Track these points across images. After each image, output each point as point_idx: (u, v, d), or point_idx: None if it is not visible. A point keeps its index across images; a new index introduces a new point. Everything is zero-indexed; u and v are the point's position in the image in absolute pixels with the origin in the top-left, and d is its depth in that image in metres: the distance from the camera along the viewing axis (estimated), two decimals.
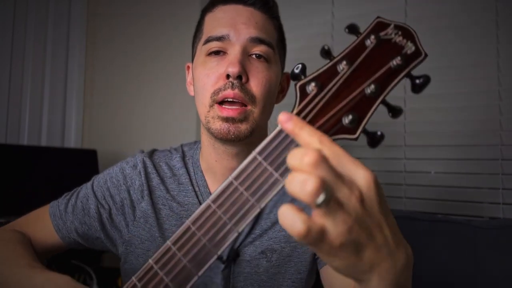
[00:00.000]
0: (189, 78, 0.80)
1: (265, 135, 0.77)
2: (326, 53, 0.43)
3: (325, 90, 0.41)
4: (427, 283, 1.05)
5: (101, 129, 2.06)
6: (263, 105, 0.68)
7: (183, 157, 0.81)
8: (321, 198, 0.32)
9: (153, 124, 1.89)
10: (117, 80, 2.02)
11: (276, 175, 0.38)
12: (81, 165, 1.79)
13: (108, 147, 1.98)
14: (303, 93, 0.41)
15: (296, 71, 0.43)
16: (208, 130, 0.68)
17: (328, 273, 0.71)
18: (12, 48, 1.77)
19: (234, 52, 0.66)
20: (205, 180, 0.76)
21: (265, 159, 0.39)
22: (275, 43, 0.73)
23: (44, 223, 0.76)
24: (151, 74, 1.90)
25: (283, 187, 0.37)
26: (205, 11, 0.75)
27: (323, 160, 0.34)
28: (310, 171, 0.33)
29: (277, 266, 0.72)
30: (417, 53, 0.42)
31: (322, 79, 0.42)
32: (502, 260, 0.98)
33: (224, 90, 0.65)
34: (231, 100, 0.65)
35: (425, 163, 1.31)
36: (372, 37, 0.42)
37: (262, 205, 0.39)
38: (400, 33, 0.42)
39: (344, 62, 0.42)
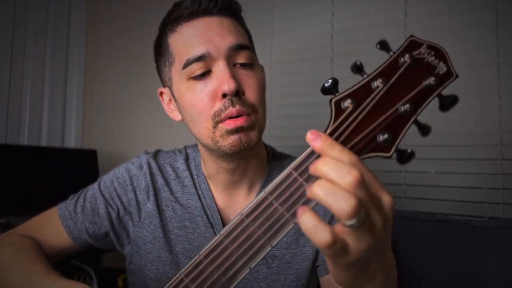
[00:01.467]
0: (166, 104, 0.78)
1: (261, 143, 0.78)
2: (357, 68, 0.44)
3: (361, 107, 0.41)
4: (427, 283, 1.05)
5: (101, 129, 2.06)
6: (262, 110, 0.68)
7: (187, 159, 0.81)
8: (354, 220, 0.33)
9: (153, 124, 1.89)
10: (117, 80, 2.02)
11: None
12: (81, 165, 1.79)
13: (108, 147, 1.98)
14: (339, 109, 0.42)
15: (327, 85, 0.43)
16: (218, 149, 0.66)
17: (328, 283, 0.72)
18: (12, 48, 1.77)
19: (220, 68, 0.64)
20: (207, 184, 0.77)
21: (300, 174, 0.39)
22: (251, 44, 0.72)
23: (54, 226, 0.75)
24: (151, 74, 1.89)
25: None
26: (165, 31, 0.71)
27: (364, 182, 0.34)
28: (351, 191, 0.33)
29: (277, 273, 0.71)
30: (449, 73, 0.43)
31: (358, 96, 0.42)
32: (502, 260, 0.98)
33: (225, 110, 0.63)
34: (235, 116, 0.64)
35: (425, 163, 1.31)
36: (407, 56, 0.42)
37: (297, 220, 0.38)
38: (432, 53, 0.43)
39: (380, 80, 0.42)
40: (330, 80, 0.43)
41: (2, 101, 1.74)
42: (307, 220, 0.34)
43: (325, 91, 0.43)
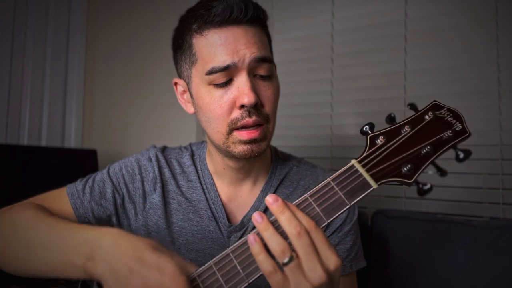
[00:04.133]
0: (180, 95, 0.79)
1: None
2: (391, 119, 0.55)
3: (391, 143, 0.52)
4: (427, 283, 1.05)
5: (101, 129, 2.06)
6: (274, 120, 0.72)
7: (192, 155, 0.84)
8: (286, 259, 0.46)
9: (153, 124, 1.89)
10: (117, 80, 2.02)
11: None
12: (81, 165, 1.79)
13: (108, 147, 1.98)
14: (373, 142, 0.53)
15: (366, 129, 0.54)
16: (228, 153, 0.70)
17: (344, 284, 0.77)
18: (12, 48, 1.77)
19: (243, 79, 0.66)
20: (212, 179, 0.80)
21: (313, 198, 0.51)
22: (271, 50, 0.75)
23: (61, 203, 0.77)
24: (152, 74, 1.90)
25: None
26: (190, 30, 0.70)
27: (303, 235, 0.45)
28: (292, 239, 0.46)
29: None
30: (463, 131, 0.54)
31: (389, 135, 0.53)
32: (502, 260, 0.98)
33: (242, 119, 0.66)
34: (250, 126, 0.67)
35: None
36: (430, 113, 0.54)
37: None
38: (451, 114, 0.55)
39: (407, 126, 0.53)
40: (368, 126, 0.54)
41: (2, 101, 1.74)
42: (257, 251, 0.47)
43: (364, 133, 0.54)
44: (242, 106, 0.66)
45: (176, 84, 0.80)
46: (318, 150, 1.50)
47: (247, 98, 0.65)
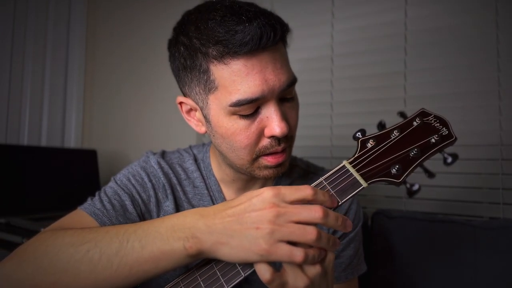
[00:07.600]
0: (186, 113, 0.73)
1: None
2: (382, 126, 0.59)
3: (380, 146, 0.56)
4: (427, 283, 1.05)
5: (101, 129, 2.06)
6: (295, 138, 0.70)
7: (195, 160, 0.81)
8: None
9: (154, 124, 1.89)
10: (117, 80, 2.02)
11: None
12: (81, 165, 1.79)
13: (108, 147, 1.98)
14: (363, 146, 0.56)
15: (358, 135, 0.58)
16: (250, 174, 0.69)
17: None
18: (12, 48, 1.77)
19: (272, 108, 0.62)
20: (219, 185, 0.78)
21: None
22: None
23: (85, 223, 0.66)
24: (152, 74, 1.90)
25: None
26: (205, 54, 0.61)
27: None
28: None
29: None
30: (449, 135, 0.57)
31: (379, 138, 0.57)
32: (502, 260, 0.98)
33: (271, 148, 0.64)
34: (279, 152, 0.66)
35: (425, 163, 1.31)
36: (418, 119, 0.58)
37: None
38: (438, 121, 0.58)
39: (396, 131, 0.57)
40: (360, 132, 0.57)
41: (2, 101, 1.74)
42: (257, 267, 0.48)
43: (356, 138, 0.57)
44: (272, 136, 0.63)
45: (181, 103, 0.73)
46: (318, 150, 1.50)
47: (279, 128, 0.61)
